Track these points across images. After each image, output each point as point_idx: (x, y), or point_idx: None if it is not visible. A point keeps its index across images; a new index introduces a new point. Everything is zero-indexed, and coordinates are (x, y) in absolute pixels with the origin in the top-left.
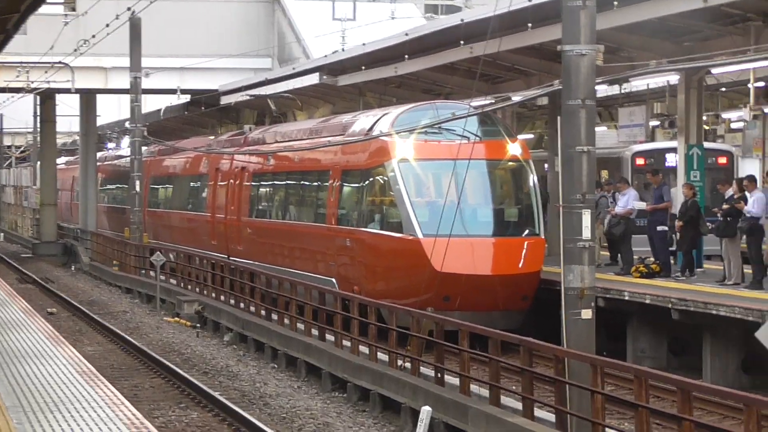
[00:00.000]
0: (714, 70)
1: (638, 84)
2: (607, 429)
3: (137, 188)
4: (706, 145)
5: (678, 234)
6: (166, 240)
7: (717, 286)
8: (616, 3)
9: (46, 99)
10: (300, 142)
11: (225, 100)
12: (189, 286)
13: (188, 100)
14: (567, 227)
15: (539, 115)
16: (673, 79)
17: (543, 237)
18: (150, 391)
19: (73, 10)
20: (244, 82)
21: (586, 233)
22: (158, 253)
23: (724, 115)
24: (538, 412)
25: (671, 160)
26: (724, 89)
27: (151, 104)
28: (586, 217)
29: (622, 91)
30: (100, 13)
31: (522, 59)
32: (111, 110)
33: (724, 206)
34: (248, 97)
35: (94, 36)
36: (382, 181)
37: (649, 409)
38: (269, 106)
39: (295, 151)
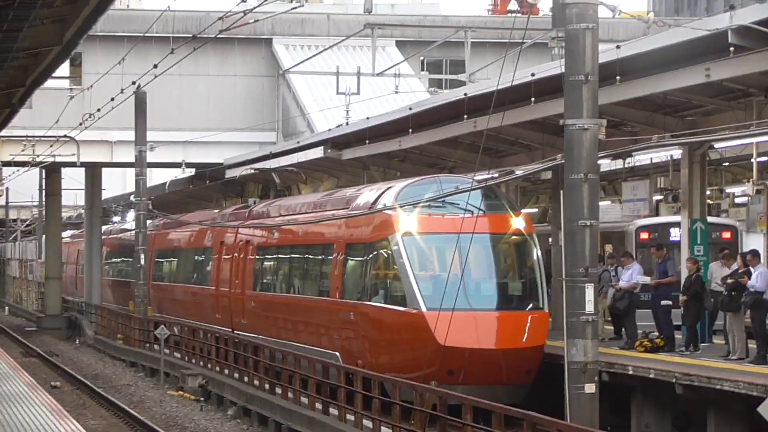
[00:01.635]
0: (717, 145)
1: (641, 158)
2: None
3: (142, 261)
4: (710, 219)
5: (682, 308)
6: (171, 313)
7: (721, 360)
8: (618, 78)
9: (52, 172)
10: (304, 215)
11: (230, 174)
12: (193, 360)
13: (193, 173)
14: (570, 301)
15: (543, 188)
16: (676, 153)
17: (547, 311)
18: None
19: (79, 84)
20: (249, 156)
21: (589, 307)
22: (162, 326)
23: (728, 190)
24: None
25: (675, 234)
26: (727, 164)
27: (156, 178)
28: (589, 291)
29: (626, 166)
30: (105, 87)
31: (525, 133)
32: (116, 184)
33: (729, 281)
34: (253, 171)
35: (99, 110)
36: (385, 255)
37: None
38: (274, 179)
39: (299, 225)
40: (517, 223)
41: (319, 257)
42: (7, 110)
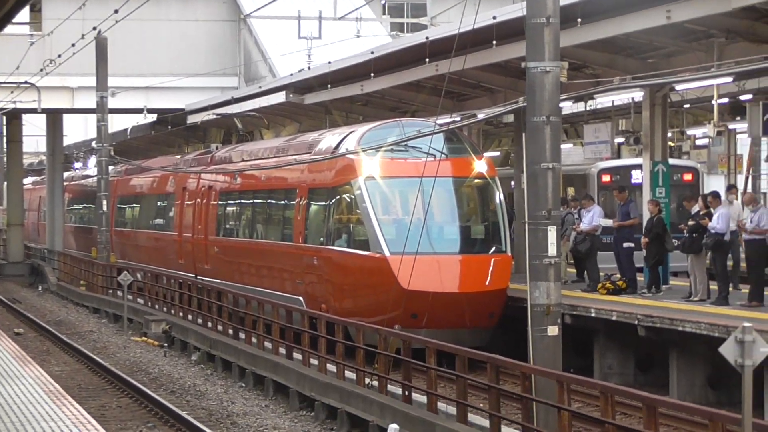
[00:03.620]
0: (678, 87)
1: (603, 101)
2: None
3: (104, 208)
4: (672, 161)
5: (644, 250)
6: (134, 259)
7: (683, 302)
8: (580, 20)
9: (12, 119)
10: (267, 160)
11: (191, 119)
12: (156, 306)
13: (155, 119)
14: (533, 244)
15: (505, 132)
16: (638, 95)
17: (510, 254)
18: (117, 411)
19: (39, 30)
20: (211, 101)
21: (552, 250)
22: (125, 272)
23: (689, 132)
24: (506, 430)
25: (637, 176)
26: (688, 106)
27: (117, 124)
28: (552, 234)
29: (588, 108)
30: (66, 32)
31: (487, 76)
32: (78, 130)
33: (690, 222)
34: (215, 116)
35: (60, 56)
36: (348, 199)
37: (615, 425)
38: (236, 125)
39: (262, 170)
40: (480, 166)
41: (282, 202)
42: None
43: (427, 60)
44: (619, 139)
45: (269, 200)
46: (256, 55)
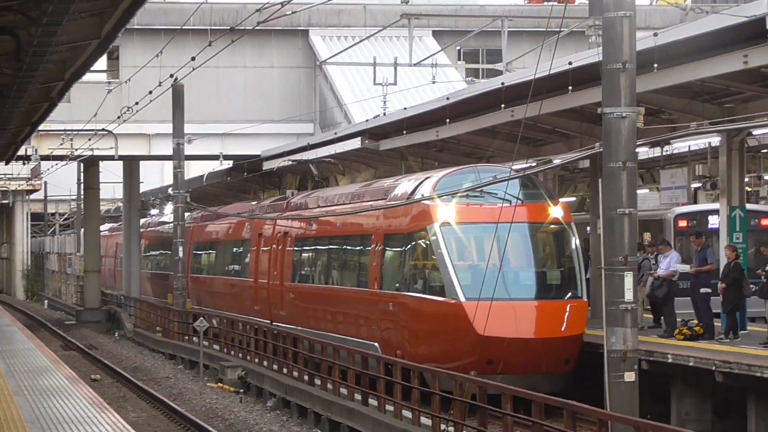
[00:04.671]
0: (755, 132)
1: (680, 146)
2: None
3: (180, 254)
4: (749, 206)
5: (721, 296)
6: (209, 306)
7: (761, 348)
8: (656, 65)
9: (90, 166)
10: (342, 206)
11: (267, 166)
12: (232, 352)
13: (231, 165)
14: (609, 290)
15: (581, 177)
16: (715, 140)
17: (586, 300)
18: None
19: (116, 77)
20: (286, 148)
21: (629, 295)
22: (201, 318)
23: (766, 177)
24: None
25: (714, 221)
26: (765, 150)
27: (194, 170)
28: (629, 280)
29: (664, 153)
30: (143, 80)
31: (563, 122)
32: (154, 177)
33: (767, 268)
34: (290, 162)
35: (137, 103)
36: (424, 245)
37: None
38: (311, 170)
39: (337, 216)
40: (556, 212)
41: (358, 248)
42: (45, 104)
43: (503, 106)
44: (696, 185)
45: (345, 246)
46: (332, 101)
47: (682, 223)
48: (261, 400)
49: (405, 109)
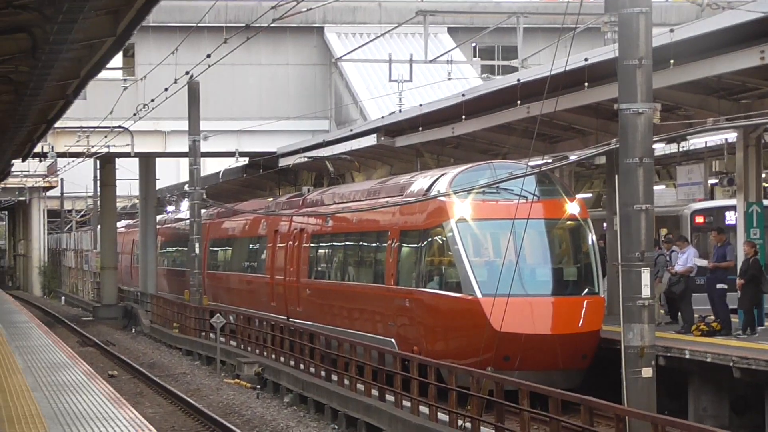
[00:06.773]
0: None
1: (696, 142)
2: None
3: (197, 251)
4: (766, 202)
5: (739, 292)
6: (226, 302)
7: None
8: (672, 62)
9: (106, 163)
10: (358, 203)
11: (283, 162)
12: (249, 348)
13: (246, 162)
14: (626, 286)
15: (597, 173)
16: (731, 136)
17: (602, 296)
18: None
19: (132, 75)
20: (302, 144)
21: (646, 291)
22: (218, 315)
23: None
24: None
25: (730, 217)
26: None
27: (209, 167)
28: (645, 276)
29: (680, 150)
30: (159, 77)
31: (579, 118)
32: (170, 173)
33: None
34: (306, 159)
35: (153, 100)
36: (440, 241)
37: None
38: (327, 167)
39: (354, 213)
40: (572, 208)
41: (374, 244)
42: (61, 102)
43: (519, 102)
44: (713, 181)
45: (361, 242)
46: (347, 98)
47: (699, 219)
48: (278, 396)
49: (420, 105)
